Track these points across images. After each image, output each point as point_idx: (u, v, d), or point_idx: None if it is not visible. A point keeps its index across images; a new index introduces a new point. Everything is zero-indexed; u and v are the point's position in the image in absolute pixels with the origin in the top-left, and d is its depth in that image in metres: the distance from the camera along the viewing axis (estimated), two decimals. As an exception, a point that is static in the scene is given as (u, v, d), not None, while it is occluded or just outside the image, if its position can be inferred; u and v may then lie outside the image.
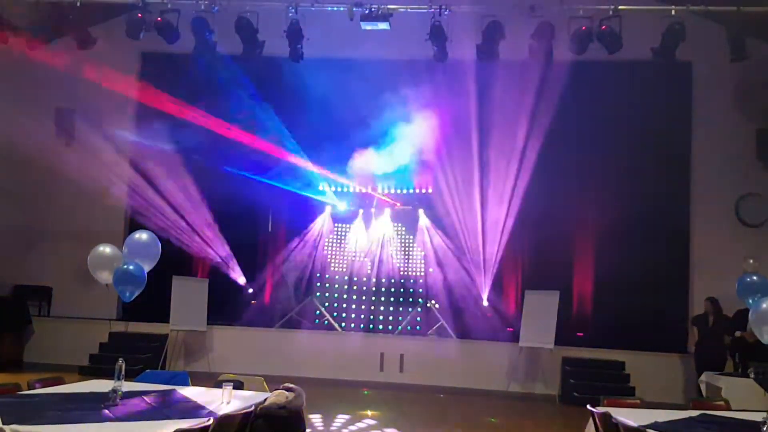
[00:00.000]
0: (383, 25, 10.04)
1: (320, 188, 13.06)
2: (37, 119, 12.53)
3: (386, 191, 13.04)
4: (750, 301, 6.79)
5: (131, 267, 5.41)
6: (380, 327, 12.58)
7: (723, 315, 9.77)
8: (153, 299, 11.01)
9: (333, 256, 13.21)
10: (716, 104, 11.96)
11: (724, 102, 11.91)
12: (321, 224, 13.20)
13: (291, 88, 11.90)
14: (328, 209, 13.18)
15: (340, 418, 8.68)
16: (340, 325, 12.62)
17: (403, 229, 13.17)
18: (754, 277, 6.90)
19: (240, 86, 12.03)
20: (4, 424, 3.64)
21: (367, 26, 10.12)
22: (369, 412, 9.22)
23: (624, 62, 11.05)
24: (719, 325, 9.68)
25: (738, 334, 9.21)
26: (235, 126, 12.19)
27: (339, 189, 13.10)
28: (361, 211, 13.18)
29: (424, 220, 12.98)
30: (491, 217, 12.02)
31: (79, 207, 12.66)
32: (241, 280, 12.88)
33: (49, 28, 10.92)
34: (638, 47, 10.42)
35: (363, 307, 12.82)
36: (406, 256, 13.08)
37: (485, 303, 12.27)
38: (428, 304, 12.73)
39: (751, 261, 9.31)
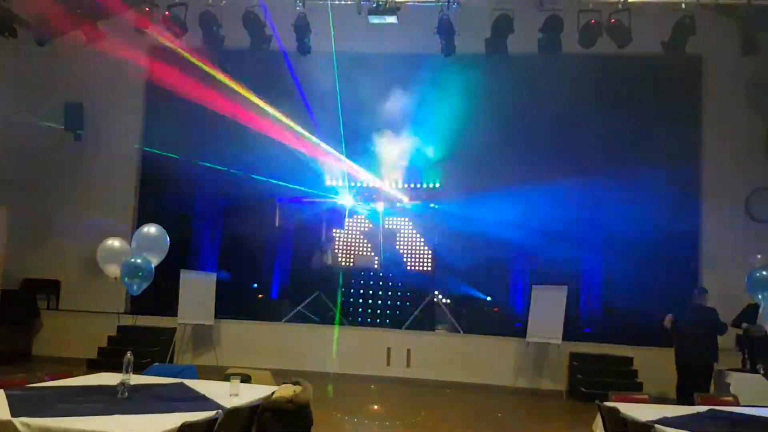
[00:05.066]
0: (391, 19, 10.02)
1: (327, 183, 13.05)
2: (46, 113, 12.59)
3: (394, 186, 13.01)
4: (760, 296, 6.75)
5: (139, 260, 5.41)
6: (387, 321, 12.57)
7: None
8: (161, 293, 11.07)
9: (340, 251, 13.21)
10: (727, 99, 11.87)
11: (734, 96, 11.83)
12: (329, 219, 13.19)
13: (298, 82, 11.89)
14: (336, 204, 13.16)
15: (348, 413, 8.69)
16: (347, 320, 12.62)
17: (411, 223, 13.15)
18: (764, 272, 6.85)
19: (248, 80, 12.02)
20: (13, 416, 3.65)
21: (374, 20, 10.10)
22: (376, 407, 9.23)
23: (633, 56, 11.00)
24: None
25: (745, 326, 9.14)
26: (243, 120, 12.16)
27: (347, 184, 13.08)
28: (369, 205, 13.15)
29: (431, 215, 12.95)
30: (499, 211, 11.96)
31: (87, 201, 12.70)
32: (249, 274, 12.90)
33: (58, 22, 10.96)
34: (648, 41, 10.36)
35: (370, 301, 12.82)
36: (414, 251, 13.07)
37: (492, 298, 12.22)
38: (435, 299, 12.72)
39: (759, 256, 9.23)
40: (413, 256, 13.05)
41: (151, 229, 5.70)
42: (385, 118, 12.10)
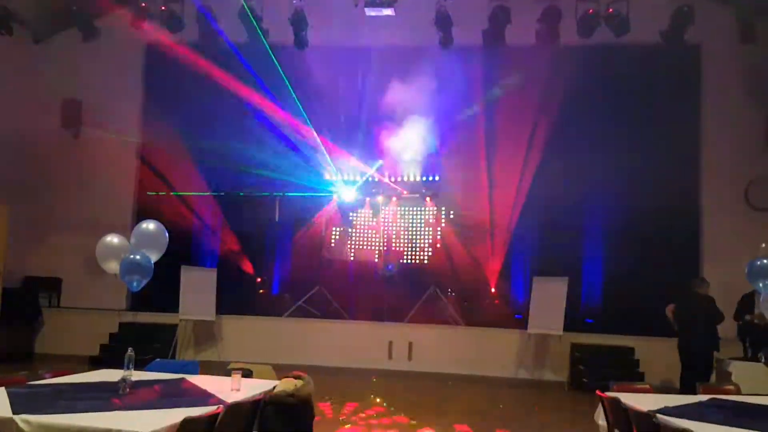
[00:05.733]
0: (387, 11, 10.01)
1: (326, 177, 13.03)
2: (44, 111, 12.57)
3: (393, 179, 13.00)
4: (760, 285, 6.74)
5: (138, 257, 5.40)
6: (388, 315, 12.56)
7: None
8: (162, 289, 11.06)
9: (340, 245, 13.20)
10: (726, 87, 11.84)
11: (733, 85, 11.79)
12: (328, 213, 13.19)
13: (296, 75, 11.87)
14: (335, 198, 13.16)
15: (350, 406, 8.70)
16: (349, 314, 12.61)
17: (411, 216, 13.14)
18: (765, 261, 6.83)
19: (245, 74, 11.98)
20: (14, 413, 3.65)
21: (371, 12, 10.09)
22: (378, 400, 9.24)
23: (632, 46, 10.97)
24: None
25: (748, 317, 9.13)
26: (242, 114, 12.14)
27: (345, 177, 13.06)
28: (368, 199, 13.14)
29: (431, 208, 12.95)
30: (499, 203, 11.96)
31: (87, 198, 12.70)
32: (250, 269, 12.90)
33: (54, 19, 10.95)
34: (646, 30, 10.35)
35: (371, 295, 12.81)
36: (414, 244, 13.07)
37: (493, 290, 12.22)
38: (436, 292, 12.71)
39: (763, 245, 9.21)
40: (414, 248, 13.05)
41: (149, 225, 5.68)
42: (383, 110, 12.07)
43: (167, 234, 6.10)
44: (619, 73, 11.83)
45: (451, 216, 12.75)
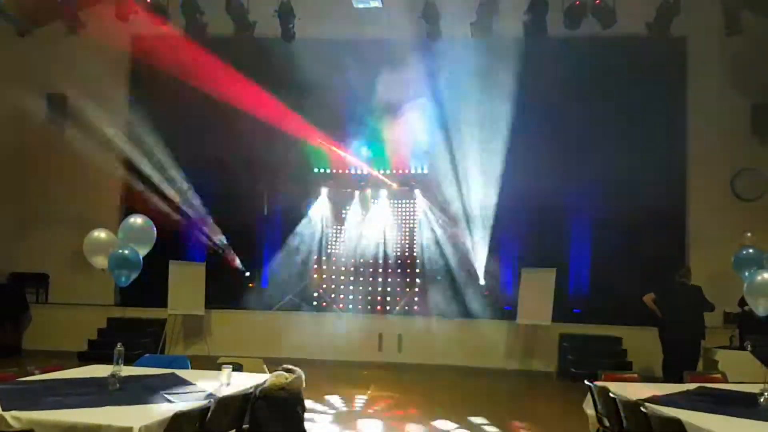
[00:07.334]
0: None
1: (315, 170, 12.98)
2: (30, 105, 12.42)
3: (382, 171, 12.98)
4: (745, 273, 6.80)
5: (126, 251, 5.37)
6: (378, 307, 12.59)
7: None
8: (151, 284, 11.01)
9: (329, 238, 13.20)
10: (711, 79, 11.91)
11: (719, 77, 11.86)
12: (317, 206, 13.17)
13: (283, 68, 11.78)
14: (324, 191, 13.13)
15: (341, 399, 8.72)
16: (338, 307, 12.63)
17: (400, 209, 13.14)
18: (750, 250, 6.89)
19: (233, 67, 11.88)
20: (3, 410, 3.63)
21: (359, 4, 10.05)
22: (369, 393, 9.27)
23: (618, 37, 10.99)
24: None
25: (748, 308, 9.18)
26: (230, 107, 12.05)
27: (334, 170, 13.03)
28: (357, 192, 13.13)
29: (420, 200, 12.96)
30: (488, 195, 11.97)
31: (74, 192, 12.59)
32: (239, 263, 12.86)
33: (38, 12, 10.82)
34: (633, 22, 10.38)
35: (361, 288, 12.83)
36: (403, 236, 13.08)
37: (482, 281, 12.27)
38: (426, 284, 12.74)
39: (749, 234, 9.30)
40: (402, 241, 13.06)
41: (137, 219, 5.65)
42: (371, 104, 12.03)
43: (155, 228, 6.08)
44: (605, 64, 11.86)
45: (440, 208, 12.75)
